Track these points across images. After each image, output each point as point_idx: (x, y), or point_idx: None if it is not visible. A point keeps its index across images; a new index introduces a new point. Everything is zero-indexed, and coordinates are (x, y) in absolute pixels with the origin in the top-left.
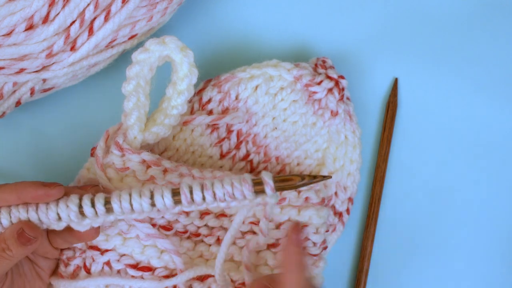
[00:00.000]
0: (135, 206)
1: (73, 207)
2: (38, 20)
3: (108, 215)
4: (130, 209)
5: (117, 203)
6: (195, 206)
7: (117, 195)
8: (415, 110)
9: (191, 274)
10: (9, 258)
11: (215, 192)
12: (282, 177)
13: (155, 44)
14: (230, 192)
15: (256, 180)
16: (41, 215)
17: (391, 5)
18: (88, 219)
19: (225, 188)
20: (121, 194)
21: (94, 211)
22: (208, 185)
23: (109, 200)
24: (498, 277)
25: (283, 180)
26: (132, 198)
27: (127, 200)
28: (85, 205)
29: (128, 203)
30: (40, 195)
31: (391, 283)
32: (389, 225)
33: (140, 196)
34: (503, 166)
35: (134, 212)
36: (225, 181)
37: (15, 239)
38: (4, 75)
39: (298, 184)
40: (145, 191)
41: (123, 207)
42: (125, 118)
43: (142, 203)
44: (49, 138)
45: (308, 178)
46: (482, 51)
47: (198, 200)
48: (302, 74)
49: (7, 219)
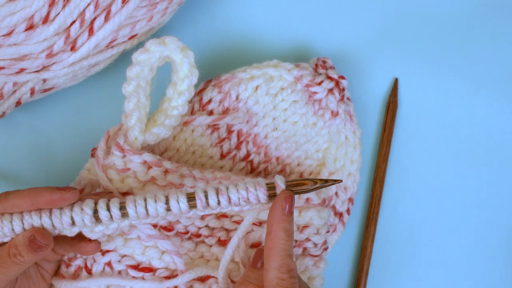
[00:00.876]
0: (151, 211)
1: (88, 210)
2: (38, 20)
3: (123, 220)
4: (145, 214)
5: (132, 208)
6: (209, 210)
7: (132, 200)
8: (415, 110)
9: (191, 275)
10: (20, 264)
11: (230, 196)
12: (295, 181)
13: (155, 44)
14: (245, 197)
15: (270, 184)
16: (55, 219)
17: (391, 5)
18: (101, 225)
19: (240, 193)
20: (136, 199)
21: (109, 214)
22: (223, 190)
23: (124, 205)
24: (498, 277)
25: (296, 184)
26: (147, 203)
27: (143, 205)
28: (101, 209)
29: (143, 208)
30: (55, 199)
31: (391, 283)
32: (389, 225)
33: (156, 201)
34: (503, 166)
35: (149, 217)
36: (240, 186)
37: (26, 245)
38: (4, 75)
39: (310, 189)
40: (160, 196)
41: (138, 212)
42: (126, 119)
43: (157, 207)
44: (49, 138)
45: (320, 182)
46: (482, 51)
47: (213, 205)
48: (303, 74)
49: (19, 226)
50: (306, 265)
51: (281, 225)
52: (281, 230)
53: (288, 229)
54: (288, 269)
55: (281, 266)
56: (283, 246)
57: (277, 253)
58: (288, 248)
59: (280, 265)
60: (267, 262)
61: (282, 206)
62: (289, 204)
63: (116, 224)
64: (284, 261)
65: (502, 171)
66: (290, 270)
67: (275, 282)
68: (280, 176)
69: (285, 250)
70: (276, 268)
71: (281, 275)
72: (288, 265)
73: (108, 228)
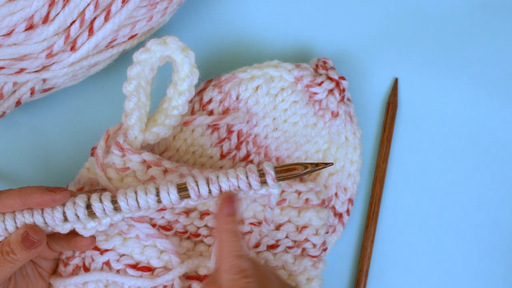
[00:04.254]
0: (141, 203)
1: (81, 203)
2: (38, 20)
3: (116, 213)
4: (136, 207)
5: (123, 200)
6: (201, 200)
7: (122, 193)
8: (415, 110)
9: (182, 269)
10: (13, 262)
11: (221, 185)
12: (285, 167)
13: (156, 44)
14: (236, 185)
15: (260, 171)
16: (47, 216)
17: (391, 5)
18: (93, 222)
19: (230, 180)
20: (126, 192)
21: (102, 206)
22: (214, 179)
23: (115, 199)
24: (498, 277)
25: (286, 170)
26: (138, 195)
27: (133, 197)
28: (94, 201)
29: (134, 200)
30: (46, 200)
31: (391, 283)
32: (389, 225)
33: (146, 193)
34: (503, 166)
35: (141, 210)
36: (230, 173)
37: (19, 242)
38: (4, 75)
39: (301, 173)
40: (150, 188)
41: (129, 205)
42: (126, 118)
43: (148, 200)
44: (49, 138)
45: (311, 166)
46: (482, 51)
47: (204, 194)
48: (303, 75)
49: (12, 225)
50: (304, 266)
51: (224, 226)
52: (224, 232)
53: (232, 229)
54: (239, 269)
55: (232, 268)
56: (230, 247)
57: (224, 255)
58: (236, 249)
59: (230, 267)
60: (219, 265)
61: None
62: (227, 205)
63: (109, 218)
64: (233, 262)
65: (502, 171)
66: (242, 270)
67: (228, 284)
68: (269, 163)
69: (232, 251)
70: (227, 270)
71: (232, 277)
72: (239, 265)
73: (101, 224)
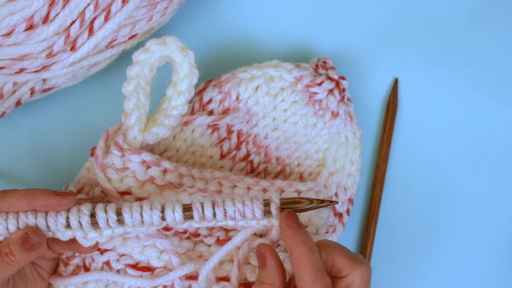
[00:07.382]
0: (146, 217)
1: (86, 211)
2: (38, 20)
3: (118, 226)
4: (140, 221)
5: (128, 213)
6: (204, 223)
7: (128, 206)
8: (415, 110)
9: (183, 271)
10: (11, 264)
11: (226, 209)
12: (290, 199)
13: (155, 44)
14: (241, 210)
15: (266, 200)
16: (50, 220)
17: (391, 5)
18: (94, 232)
19: (236, 206)
20: (132, 205)
21: (106, 217)
22: (220, 202)
23: (120, 211)
24: (498, 277)
25: (292, 202)
26: (143, 209)
27: (138, 211)
28: (98, 210)
29: (139, 214)
30: (52, 203)
31: (391, 283)
32: (389, 225)
33: (151, 209)
34: (503, 166)
35: (144, 225)
36: (236, 199)
37: (19, 244)
38: (4, 75)
39: (305, 208)
40: (156, 204)
41: (134, 218)
42: (125, 118)
43: (152, 215)
44: (49, 138)
45: (316, 202)
46: (482, 51)
47: (208, 216)
48: (303, 74)
49: (14, 225)
50: None
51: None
52: (302, 244)
53: (308, 240)
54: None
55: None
56: (310, 259)
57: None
58: (315, 261)
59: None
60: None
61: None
62: (291, 220)
63: (111, 230)
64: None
65: (502, 171)
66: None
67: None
68: (276, 193)
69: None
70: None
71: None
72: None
73: (101, 236)
